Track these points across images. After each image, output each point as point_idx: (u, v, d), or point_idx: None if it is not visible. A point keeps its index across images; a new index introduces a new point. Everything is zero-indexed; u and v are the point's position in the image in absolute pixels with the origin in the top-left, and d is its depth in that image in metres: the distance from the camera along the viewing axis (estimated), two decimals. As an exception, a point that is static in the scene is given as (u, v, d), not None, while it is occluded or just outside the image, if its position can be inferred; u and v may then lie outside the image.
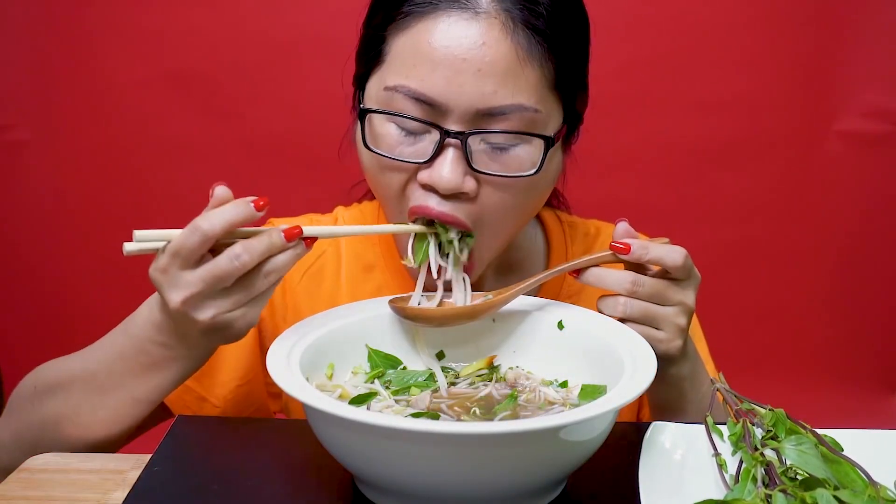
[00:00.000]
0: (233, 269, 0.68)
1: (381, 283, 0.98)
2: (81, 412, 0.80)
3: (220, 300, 0.70)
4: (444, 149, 0.77)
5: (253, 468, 0.71)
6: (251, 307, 0.71)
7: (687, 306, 0.79)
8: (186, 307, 0.69)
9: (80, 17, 1.69)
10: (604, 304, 0.79)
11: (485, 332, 0.83)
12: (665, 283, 0.78)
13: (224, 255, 0.68)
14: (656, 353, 0.77)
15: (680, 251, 0.78)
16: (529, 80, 0.77)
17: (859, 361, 1.91)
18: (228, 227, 0.68)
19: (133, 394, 0.79)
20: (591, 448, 0.65)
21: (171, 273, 0.69)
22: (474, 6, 0.76)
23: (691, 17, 1.71)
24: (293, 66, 1.70)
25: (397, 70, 0.78)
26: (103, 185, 1.76)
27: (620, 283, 0.77)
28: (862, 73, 1.73)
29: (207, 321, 0.70)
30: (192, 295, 0.69)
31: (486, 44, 0.75)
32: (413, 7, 0.77)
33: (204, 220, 0.68)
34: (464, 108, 0.76)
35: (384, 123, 0.79)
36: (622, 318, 0.78)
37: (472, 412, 0.74)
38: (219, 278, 0.68)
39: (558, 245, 1.01)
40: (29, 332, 1.83)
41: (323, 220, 1.03)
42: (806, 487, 0.59)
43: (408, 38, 0.77)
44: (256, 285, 0.70)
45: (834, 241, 1.83)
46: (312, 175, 1.68)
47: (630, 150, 1.76)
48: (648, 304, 0.77)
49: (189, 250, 0.68)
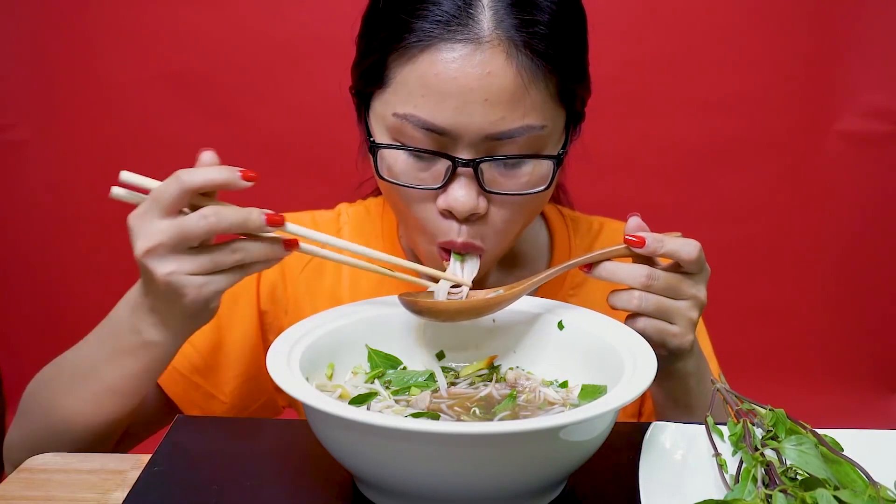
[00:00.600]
0: (198, 228, 0.68)
1: (382, 277, 0.98)
2: (66, 402, 0.81)
3: (181, 258, 0.69)
4: (456, 176, 0.79)
5: (253, 468, 0.71)
6: (210, 281, 0.70)
7: (699, 300, 0.79)
8: (148, 257, 0.69)
9: (80, 17, 1.69)
10: (617, 298, 0.79)
11: (485, 332, 0.83)
12: (678, 277, 0.78)
13: (195, 213, 0.69)
14: (669, 347, 0.78)
15: (694, 244, 0.78)
16: (535, 101, 0.78)
17: (859, 361, 1.91)
18: (208, 184, 0.69)
19: (106, 381, 0.79)
20: (591, 448, 0.65)
21: (145, 220, 0.69)
22: (476, 36, 0.76)
23: (691, 17, 1.71)
24: (293, 66, 1.70)
25: (404, 99, 0.79)
26: (103, 185, 1.75)
27: (635, 276, 0.77)
28: (862, 73, 1.73)
29: (163, 276, 0.69)
30: (156, 244, 0.69)
31: (491, 73, 0.76)
32: (414, 39, 0.77)
33: (186, 171, 0.69)
34: (473, 136, 0.78)
35: (396, 152, 0.81)
36: (635, 313, 0.78)
37: (472, 412, 0.74)
38: (184, 233, 0.68)
39: (561, 239, 1.01)
40: (29, 332, 1.83)
41: (325, 216, 1.03)
42: (806, 487, 0.59)
43: (413, 69, 0.78)
44: (220, 257, 0.70)
45: (834, 240, 1.83)
46: (313, 175, 1.68)
47: (630, 150, 1.76)
48: (662, 298, 0.77)
49: (166, 197, 0.68)
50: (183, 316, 0.74)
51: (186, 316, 0.74)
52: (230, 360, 0.95)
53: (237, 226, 0.70)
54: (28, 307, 1.84)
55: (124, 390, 0.80)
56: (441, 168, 0.80)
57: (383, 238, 1.00)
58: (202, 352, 0.94)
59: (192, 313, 0.73)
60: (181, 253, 0.69)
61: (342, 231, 1.01)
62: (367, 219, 1.02)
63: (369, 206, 1.04)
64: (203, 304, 0.72)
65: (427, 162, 0.80)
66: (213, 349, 0.95)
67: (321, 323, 0.77)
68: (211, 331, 0.94)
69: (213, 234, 0.69)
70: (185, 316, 0.74)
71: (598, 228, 1.04)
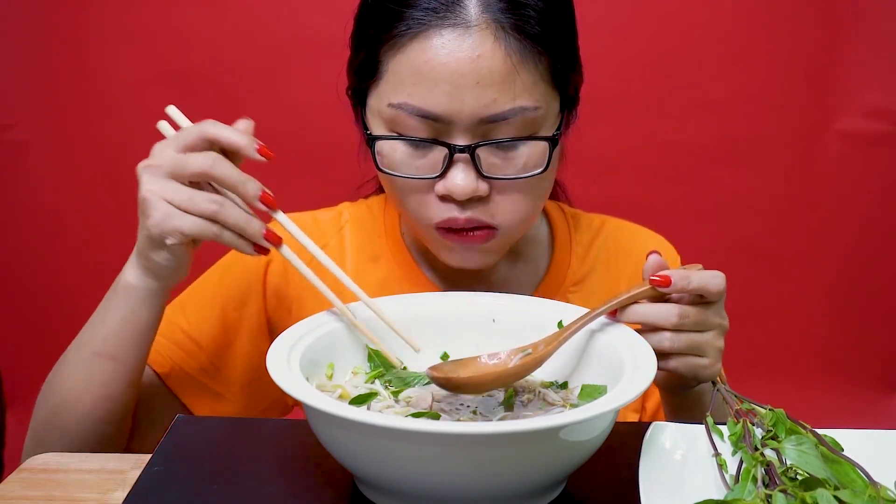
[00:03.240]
0: (194, 163, 0.73)
1: (386, 273, 0.98)
2: (62, 377, 0.84)
3: (167, 183, 0.74)
4: (453, 162, 0.80)
5: (253, 468, 0.71)
6: (177, 215, 0.73)
7: (724, 327, 0.80)
8: (144, 171, 0.75)
9: (80, 17, 1.69)
10: (649, 341, 0.75)
11: (485, 332, 0.83)
12: (704, 311, 0.77)
13: (202, 153, 0.74)
14: (700, 380, 0.78)
15: (720, 276, 0.77)
16: (526, 82, 0.79)
17: (859, 361, 1.91)
18: (224, 140, 0.75)
19: (91, 345, 0.82)
20: (591, 448, 0.65)
21: (162, 147, 0.76)
22: (465, 21, 0.78)
23: (691, 17, 1.71)
24: (293, 66, 1.70)
25: (398, 88, 0.80)
26: (103, 185, 1.75)
27: (667, 318, 0.76)
28: (862, 73, 1.73)
29: (144, 191, 0.74)
30: (155, 165, 0.75)
31: (481, 56, 0.77)
32: (404, 28, 0.79)
33: (212, 122, 0.76)
34: (467, 119, 0.79)
35: (393, 142, 0.82)
36: (668, 352, 0.76)
37: (473, 411, 0.74)
38: (182, 162, 0.74)
39: (562, 235, 1.02)
40: (29, 332, 1.82)
41: (326, 215, 1.03)
42: (806, 487, 0.59)
43: (404, 58, 0.79)
44: (198, 198, 0.74)
45: (834, 240, 1.83)
46: (313, 175, 1.68)
47: (630, 150, 1.76)
48: (692, 335, 0.77)
49: (185, 135, 0.75)
50: (145, 241, 0.76)
51: (147, 242, 0.76)
52: (238, 360, 0.96)
53: (230, 182, 0.74)
54: (28, 307, 1.83)
55: (106, 350, 0.81)
56: (439, 156, 0.81)
57: (386, 235, 1.00)
58: (210, 353, 0.95)
59: (151, 241, 0.76)
60: (170, 180, 0.74)
61: (344, 230, 1.01)
62: (370, 217, 1.02)
63: (371, 205, 1.04)
64: (161, 235, 0.74)
65: (424, 150, 0.81)
66: (220, 350, 0.95)
67: (321, 323, 0.77)
68: (218, 332, 0.95)
69: (206, 175, 0.74)
70: (146, 241, 0.76)
71: (598, 225, 1.05)
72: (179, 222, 0.74)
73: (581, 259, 1.02)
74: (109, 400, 0.83)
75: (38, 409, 0.87)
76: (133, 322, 0.81)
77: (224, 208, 0.74)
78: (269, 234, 0.76)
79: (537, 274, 1.00)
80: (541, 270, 1.00)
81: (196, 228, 0.74)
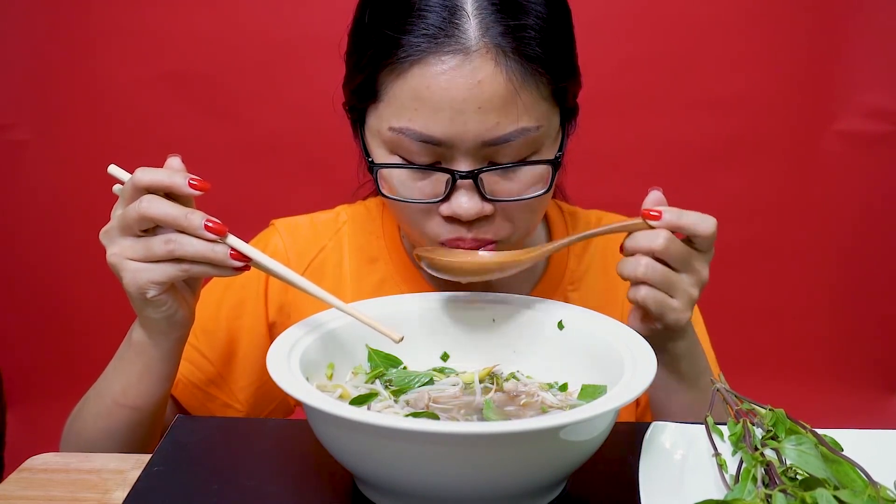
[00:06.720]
0: (130, 211, 0.73)
1: (384, 275, 0.98)
2: (86, 423, 0.85)
3: (123, 241, 0.74)
4: (457, 187, 0.80)
5: (253, 468, 0.71)
6: (145, 269, 0.73)
7: (702, 278, 0.80)
8: (103, 236, 0.76)
9: (80, 18, 1.69)
10: (624, 265, 0.79)
11: (485, 332, 0.83)
12: (689, 251, 0.79)
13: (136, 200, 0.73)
14: (666, 321, 0.79)
15: (711, 220, 0.79)
16: (527, 103, 0.78)
17: (859, 361, 1.91)
18: (156, 184, 0.73)
19: (112, 393, 0.83)
20: (591, 448, 0.65)
21: (113, 209, 0.77)
22: (465, 46, 0.76)
23: (691, 17, 1.71)
24: (293, 66, 1.69)
25: (399, 112, 0.79)
26: (103, 185, 1.75)
27: (652, 239, 0.77)
28: (862, 73, 1.72)
29: (109, 257, 0.75)
30: (109, 227, 0.75)
31: (482, 81, 0.76)
32: (403, 55, 0.77)
33: (141, 170, 0.74)
34: (470, 144, 0.78)
35: (396, 168, 0.82)
36: (641, 281, 0.78)
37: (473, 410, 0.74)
38: (123, 218, 0.74)
39: (559, 233, 1.03)
40: (29, 332, 1.82)
41: (324, 217, 1.03)
42: (806, 487, 0.59)
43: (404, 83, 0.78)
44: (153, 244, 0.73)
45: (834, 241, 1.83)
46: (312, 176, 1.68)
47: (630, 150, 1.76)
48: (668, 270, 0.78)
49: (124, 191, 0.75)
50: (132, 302, 0.77)
51: (134, 302, 0.76)
52: (243, 368, 0.96)
53: (170, 219, 0.72)
54: (28, 307, 1.83)
55: (127, 401, 0.82)
56: (442, 179, 0.80)
57: (384, 237, 1.00)
58: (216, 363, 0.96)
59: (136, 301, 0.76)
60: (125, 237, 0.74)
61: (341, 231, 1.01)
62: (368, 218, 1.02)
63: (369, 206, 1.04)
64: (139, 292, 0.74)
65: (427, 173, 0.81)
66: (226, 360, 0.96)
67: (321, 323, 0.77)
68: (223, 342, 0.96)
69: (145, 220, 0.73)
70: (133, 302, 0.77)
71: (595, 222, 1.05)
72: (148, 275, 0.73)
73: (579, 257, 1.02)
74: (136, 443, 0.85)
75: (64, 449, 0.88)
76: (149, 376, 0.81)
77: (179, 244, 0.72)
78: (235, 255, 0.74)
79: (535, 273, 1.00)
80: (539, 270, 1.00)
81: (164, 274, 0.73)
